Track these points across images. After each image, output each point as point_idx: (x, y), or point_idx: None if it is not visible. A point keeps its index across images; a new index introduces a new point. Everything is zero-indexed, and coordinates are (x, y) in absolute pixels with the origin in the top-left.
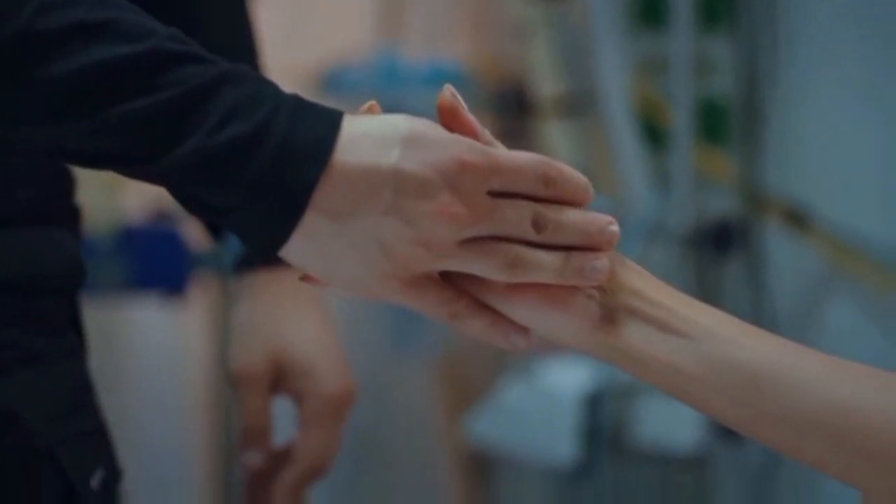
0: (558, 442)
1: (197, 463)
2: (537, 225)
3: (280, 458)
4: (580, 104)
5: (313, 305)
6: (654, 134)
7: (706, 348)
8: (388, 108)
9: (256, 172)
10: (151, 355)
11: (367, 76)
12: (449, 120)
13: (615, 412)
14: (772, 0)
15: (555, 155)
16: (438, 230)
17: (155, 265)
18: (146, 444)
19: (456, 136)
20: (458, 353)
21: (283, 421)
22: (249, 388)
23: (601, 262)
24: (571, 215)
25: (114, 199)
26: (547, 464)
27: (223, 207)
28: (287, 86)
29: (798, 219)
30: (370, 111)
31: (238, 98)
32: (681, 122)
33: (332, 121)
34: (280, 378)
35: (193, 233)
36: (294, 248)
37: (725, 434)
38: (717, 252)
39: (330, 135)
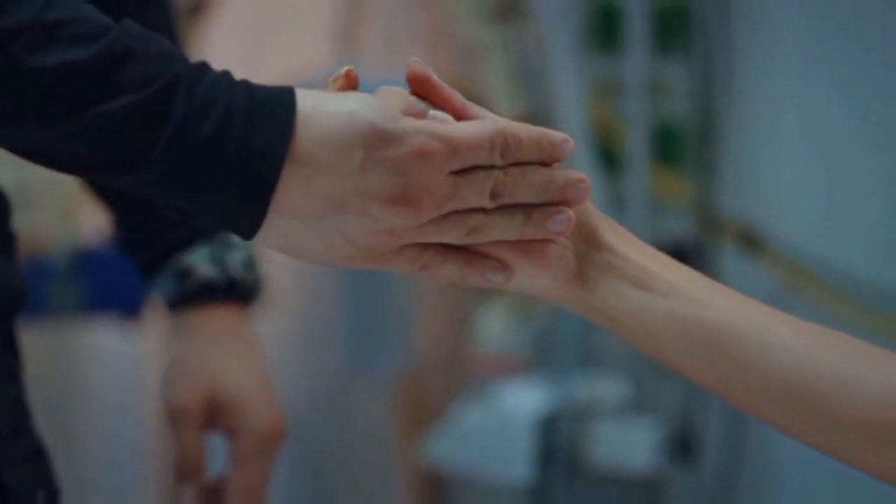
0: (515, 463)
1: (154, 484)
2: (494, 194)
3: (213, 494)
4: (536, 126)
5: (247, 344)
6: (609, 156)
7: (676, 306)
8: None
9: (215, 178)
10: (108, 377)
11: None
12: (420, 89)
13: (571, 434)
14: (727, 23)
15: None
16: (402, 221)
17: (111, 287)
18: (103, 465)
19: (413, 125)
20: (416, 374)
21: (217, 457)
22: (184, 424)
23: (562, 216)
24: (532, 176)
25: (70, 221)
26: (504, 485)
27: (187, 212)
28: None
29: (753, 241)
30: (347, 77)
31: (193, 103)
32: (636, 144)
33: (284, 124)
34: (214, 414)
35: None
36: (261, 239)
37: (680, 456)
38: None
39: (282, 141)
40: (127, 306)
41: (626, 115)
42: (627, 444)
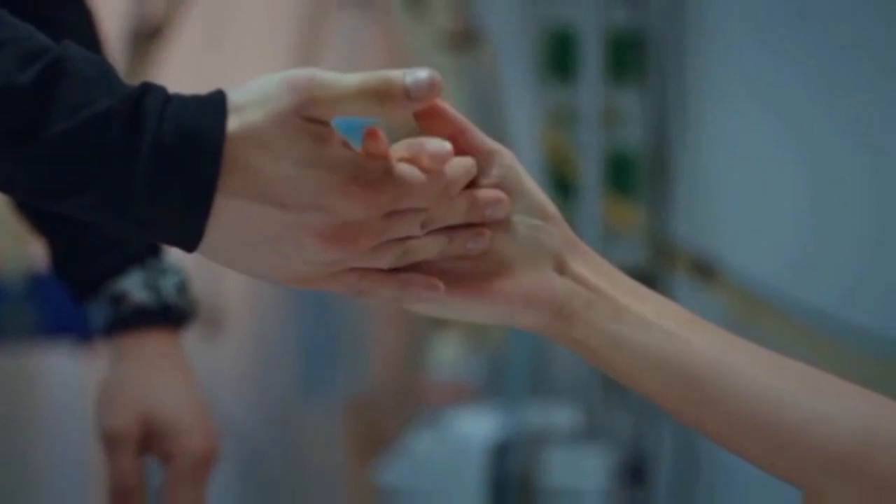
0: (467, 490)
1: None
2: (424, 224)
3: None
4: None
5: (180, 368)
6: (563, 184)
7: (651, 341)
8: None
9: (151, 208)
10: (62, 402)
11: None
12: (421, 115)
13: (523, 461)
14: (681, 52)
15: None
16: (335, 256)
17: (65, 312)
18: (57, 489)
19: (356, 167)
20: (368, 400)
21: (151, 480)
22: (119, 448)
23: (481, 238)
24: (458, 204)
25: (24, 245)
26: None
27: (127, 232)
28: None
29: (705, 271)
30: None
31: (125, 135)
32: (590, 173)
33: (216, 152)
34: (148, 438)
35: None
36: (203, 255)
37: (632, 482)
38: None
39: (211, 180)
40: (81, 331)
41: (579, 144)
42: (579, 471)
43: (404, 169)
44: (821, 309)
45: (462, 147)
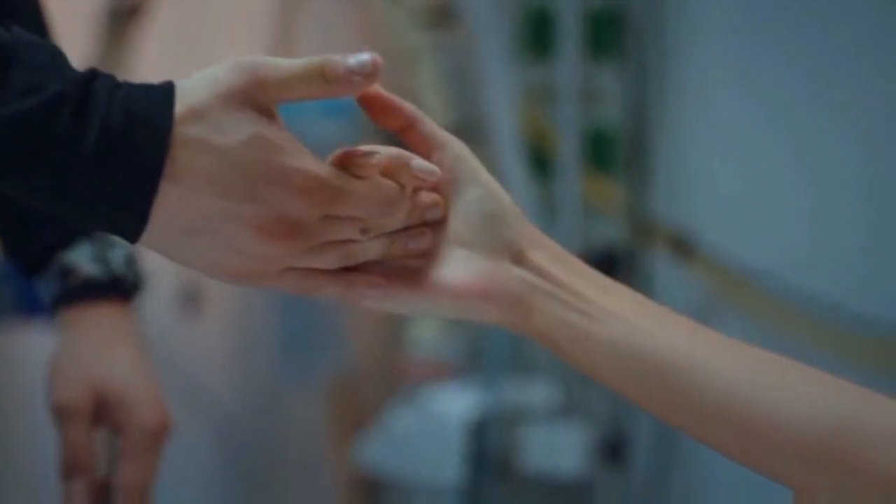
0: (445, 467)
1: None
2: (364, 231)
3: (101, 490)
4: (469, 132)
5: (130, 340)
6: (541, 162)
7: (612, 332)
8: None
9: (97, 194)
10: (38, 380)
11: None
12: (373, 110)
13: (501, 438)
14: (660, 30)
15: None
16: (271, 252)
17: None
18: (36, 466)
19: (300, 160)
20: (348, 379)
21: (103, 453)
22: (71, 421)
23: (422, 238)
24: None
25: None
26: (434, 489)
27: (73, 219)
28: None
29: (684, 247)
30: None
31: (74, 119)
32: (568, 150)
33: (161, 143)
34: (100, 411)
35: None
36: (146, 245)
37: (610, 460)
38: None
39: (159, 162)
40: None
41: (557, 121)
42: (557, 449)
43: (352, 180)
44: (799, 286)
45: (414, 137)
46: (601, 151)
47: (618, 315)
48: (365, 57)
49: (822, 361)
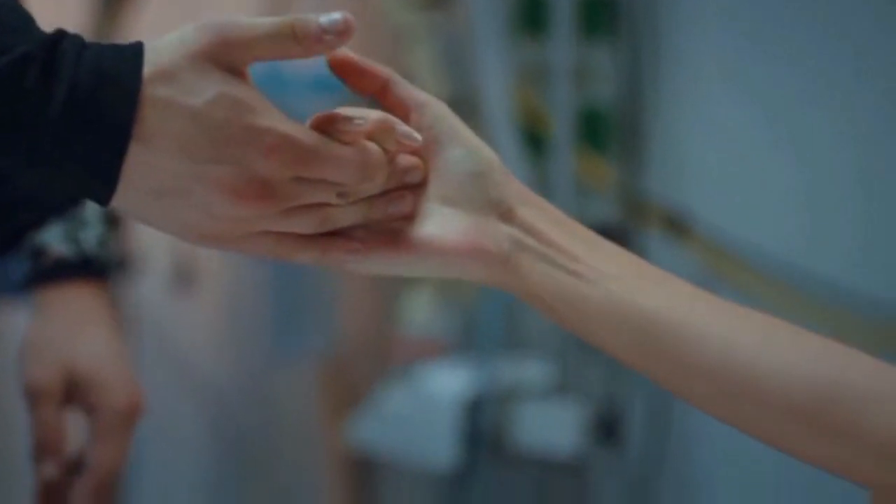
0: (439, 446)
1: None
2: (341, 195)
3: (73, 470)
4: (462, 111)
5: (102, 321)
6: (535, 141)
7: (606, 293)
8: None
9: (66, 155)
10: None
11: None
12: (345, 74)
13: (495, 416)
14: (653, 8)
15: None
16: (243, 213)
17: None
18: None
19: (271, 119)
20: (340, 358)
21: (74, 434)
22: (42, 401)
23: (402, 200)
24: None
25: None
26: (428, 468)
27: (40, 184)
28: None
29: (678, 226)
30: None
31: (43, 80)
32: (561, 129)
33: (130, 106)
34: (71, 391)
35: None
36: (118, 208)
37: (604, 437)
38: None
39: (128, 121)
40: None
41: (551, 100)
42: (552, 427)
43: (326, 141)
44: (792, 264)
45: (391, 100)
46: (595, 131)
47: (611, 275)
48: (336, 16)
49: None
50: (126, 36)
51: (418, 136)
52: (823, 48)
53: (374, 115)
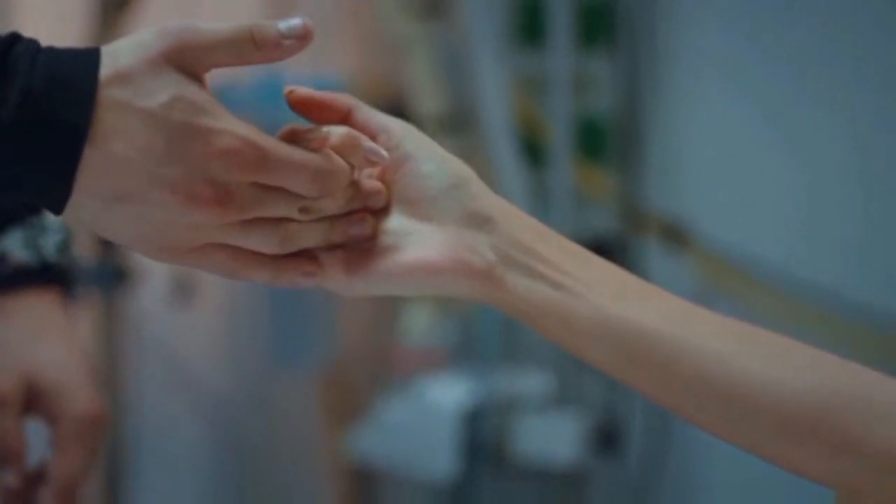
0: (439, 457)
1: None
2: (304, 210)
3: (34, 479)
4: (460, 121)
5: (63, 328)
6: (533, 151)
7: (595, 308)
8: (271, 126)
9: (19, 158)
10: None
11: (250, 94)
12: (306, 110)
13: (495, 427)
14: (652, 18)
15: None
16: (199, 219)
17: None
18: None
19: (227, 123)
20: (340, 369)
21: (37, 443)
22: (1, 410)
23: (363, 224)
24: (338, 197)
25: None
26: (428, 479)
27: (1, 186)
28: None
29: (677, 236)
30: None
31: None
32: (560, 139)
33: (85, 109)
34: (32, 400)
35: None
36: (70, 218)
37: (604, 449)
38: None
39: (83, 129)
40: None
41: (549, 110)
42: (551, 438)
43: (282, 145)
44: (792, 273)
45: (356, 126)
46: (593, 140)
47: (599, 289)
48: (296, 20)
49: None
50: None
51: (384, 153)
52: (823, 54)
53: (340, 129)
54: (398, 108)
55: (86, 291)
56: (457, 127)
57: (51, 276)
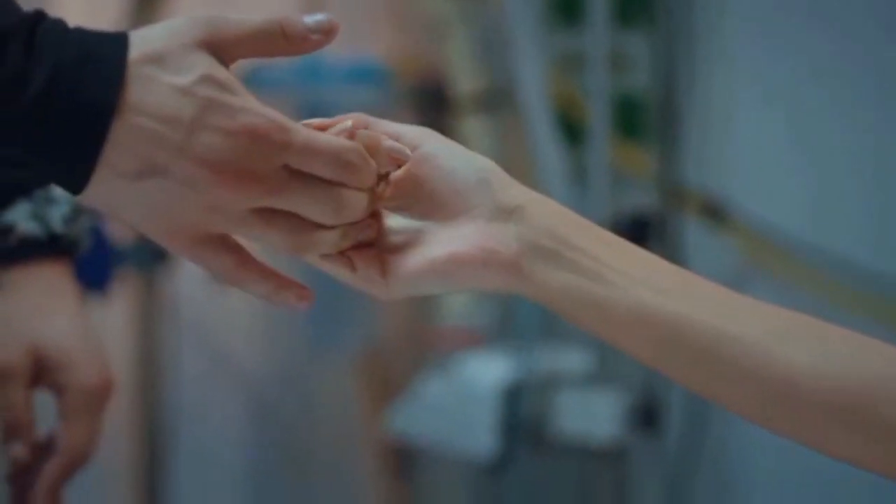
0: (478, 435)
1: (119, 457)
2: (333, 208)
3: (43, 451)
4: (498, 100)
5: (70, 299)
6: (571, 129)
7: (635, 300)
8: (310, 106)
9: (47, 132)
10: None
11: (287, 74)
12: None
13: (534, 405)
14: None
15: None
16: (225, 197)
17: (77, 261)
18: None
19: (254, 105)
20: (379, 348)
21: (45, 414)
22: (9, 382)
23: (368, 231)
24: (359, 201)
25: None
26: (467, 457)
27: (18, 163)
28: None
29: (715, 213)
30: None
31: (24, 56)
32: (598, 117)
33: (114, 77)
34: (40, 372)
35: (116, 229)
36: (89, 196)
37: (643, 426)
38: None
39: (112, 100)
40: (94, 281)
41: (587, 88)
42: (591, 415)
43: (304, 128)
44: (832, 250)
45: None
46: (631, 118)
47: (638, 279)
48: (321, 16)
49: (857, 328)
50: None
51: (407, 150)
52: (866, 24)
53: (361, 131)
54: (436, 89)
55: (125, 273)
56: (495, 106)
57: (58, 247)
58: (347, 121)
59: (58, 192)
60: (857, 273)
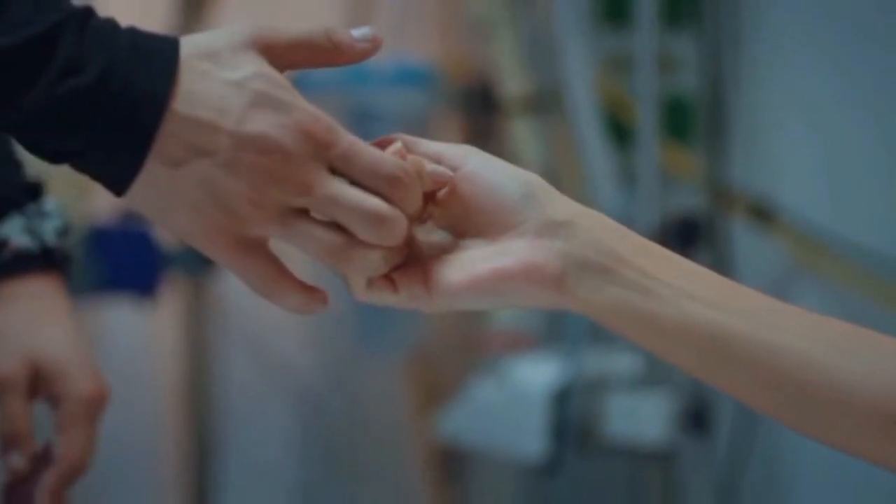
0: (528, 438)
1: (168, 462)
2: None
3: (40, 461)
4: (546, 102)
5: (63, 312)
6: (619, 131)
7: (681, 312)
8: (356, 109)
9: (99, 121)
10: (123, 357)
11: (333, 76)
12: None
13: (583, 408)
14: None
15: (521, 152)
16: (268, 190)
17: (126, 266)
18: (117, 445)
19: (304, 103)
20: (428, 351)
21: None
22: (7, 392)
23: (399, 256)
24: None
25: (83, 199)
26: (517, 460)
27: (68, 153)
28: None
29: (763, 214)
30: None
31: (76, 47)
32: (646, 119)
33: (168, 71)
34: (36, 383)
35: (164, 234)
36: (135, 193)
37: (693, 428)
38: (683, 248)
39: (165, 88)
40: (142, 285)
41: (635, 90)
42: (640, 418)
43: (351, 136)
44: (879, 251)
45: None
46: (679, 120)
47: (684, 291)
48: (366, 29)
49: None
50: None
51: (449, 171)
52: None
53: (409, 156)
54: (483, 91)
55: (173, 277)
56: (542, 108)
57: (51, 261)
58: (397, 142)
59: (50, 206)
60: None
